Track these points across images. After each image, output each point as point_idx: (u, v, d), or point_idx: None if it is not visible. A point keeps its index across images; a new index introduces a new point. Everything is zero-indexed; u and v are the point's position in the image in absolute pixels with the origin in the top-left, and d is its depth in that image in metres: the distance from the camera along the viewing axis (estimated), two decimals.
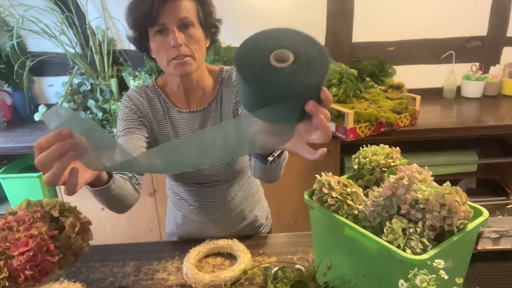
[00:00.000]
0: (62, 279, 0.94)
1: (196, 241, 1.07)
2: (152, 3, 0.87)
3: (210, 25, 0.99)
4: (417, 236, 0.65)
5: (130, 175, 0.94)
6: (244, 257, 0.98)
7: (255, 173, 0.95)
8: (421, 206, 0.67)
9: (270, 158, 0.83)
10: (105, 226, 2.06)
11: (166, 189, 1.22)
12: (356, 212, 0.74)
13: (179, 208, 1.17)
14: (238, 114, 1.04)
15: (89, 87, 2.03)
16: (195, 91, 1.03)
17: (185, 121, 1.03)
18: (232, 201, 1.14)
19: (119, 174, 0.89)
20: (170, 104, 1.04)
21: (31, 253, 0.72)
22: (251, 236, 1.14)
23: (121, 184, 0.86)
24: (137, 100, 1.03)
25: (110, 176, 0.80)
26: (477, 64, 2.29)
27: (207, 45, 1.00)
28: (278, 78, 0.48)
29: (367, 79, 2.10)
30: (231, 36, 1.57)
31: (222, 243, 1.05)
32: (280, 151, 0.83)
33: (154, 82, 1.06)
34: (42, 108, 2.02)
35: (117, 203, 0.88)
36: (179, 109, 1.03)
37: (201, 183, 1.10)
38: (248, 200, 1.18)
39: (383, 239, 0.66)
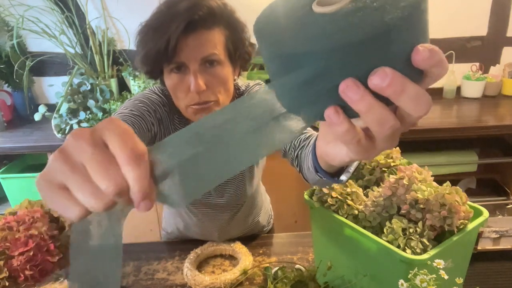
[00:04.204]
0: (62, 279, 0.93)
1: (197, 241, 1.07)
2: (168, 38, 0.69)
3: (241, 57, 0.81)
4: (417, 236, 0.65)
5: None
6: (246, 259, 0.98)
7: (314, 184, 0.70)
8: (421, 206, 0.67)
9: (344, 178, 0.56)
10: None
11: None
12: (356, 212, 0.74)
13: (182, 219, 1.14)
14: None
15: (89, 87, 2.03)
16: None
17: None
18: (237, 217, 1.12)
19: None
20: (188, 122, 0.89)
21: (31, 253, 0.72)
22: (251, 236, 1.14)
23: None
24: (159, 105, 0.87)
25: None
26: (477, 64, 2.29)
27: (236, 76, 0.84)
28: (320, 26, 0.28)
29: None
30: None
31: (224, 246, 1.04)
32: (355, 164, 0.56)
33: None
34: (42, 108, 2.01)
35: None
36: None
37: (208, 208, 1.07)
38: (252, 210, 1.16)
39: (383, 239, 0.66)
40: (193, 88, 0.73)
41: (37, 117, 2.01)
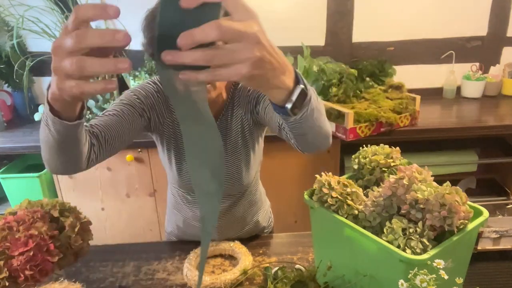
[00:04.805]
0: (62, 279, 0.94)
1: (198, 242, 1.07)
2: None
3: None
4: (417, 236, 0.65)
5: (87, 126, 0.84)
6: (245, 259, 0.98)
7: (298, 143, 0.79)
8: (421, 206, 0.67)
9: (288, 105, 0.61)
10: (105, 226, 2.06)
11: (168, 193, 1.21)
12: (356, 212, 0.74)
13: (181, 213, 1.16)
14: (251, 120, 1.01)
15: None
16: (211, 102, 0.99)
17: None
18: (235, 211, 1.13)
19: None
20: None
21: (31, 253, 0.72)
22: (251, 236, 1.14)
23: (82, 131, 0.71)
24: (152, 93, 0.98)
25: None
26: (477, 64, 2.29)
27: None
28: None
29: (367, 79, 2.09)
30: None
31: (224, 245, 1.04)
32: (297, 91, 0.60)
33: None
34: (42, 108, 2.01)
35: (73, 150, 0.72)
36: None
37: None
38: (251, 207, 1.17)
39: (383, 239, 0.67)
40: None
41: (37, 117, 2.01)
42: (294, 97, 0.60)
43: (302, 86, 0.60)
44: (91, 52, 0.44)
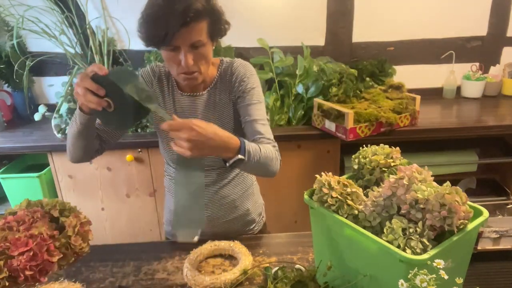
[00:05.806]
0: (62, 279, 0.94)
1: (198, 242, 1.07)
2: (167, 30, 0.91)
3: (219, 34, 1.05)
4: (417, 236, 0.65)
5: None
6: (245, 259, 0.97)
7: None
8: (421, 206, 0.67)
9: (228, 164, 0.91)
10: (105, 226, 2.06)
11: (165, 177, 1.26)
12: (356, 212, 0.74)
13: (172, 194, 1.21)
14: (237, 102, 1.10)
15: None
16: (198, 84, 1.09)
17: (186, 103, 1.12)
18: (225, 188, 1.16)
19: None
20: (176, 86, 1.13)
21: (31, 253, 0.72)
22: (251, 236, 1.14)
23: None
24: (147, 76, 1.14)
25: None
26: (477, 64, 2.29)
27: (214, 46, 1.06)
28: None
29: (367, 79, 2.09)
30: (231, 36, 1.57)
31: (224, 244, 1.04)
32: (235, 158, 0.89)
33: None
34: (42, 108, 2.01)
35: (88, 139, 1.02)
36: (182, 92, 1.12)
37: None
38: (241, 191, 1.20)
39: (383, 239, 0.67)
40: (183, 64, 0.98)
41: (37, 117, 2.01)
42: (231, 162, 0.90)
43: (240, 156, 0.89)
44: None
